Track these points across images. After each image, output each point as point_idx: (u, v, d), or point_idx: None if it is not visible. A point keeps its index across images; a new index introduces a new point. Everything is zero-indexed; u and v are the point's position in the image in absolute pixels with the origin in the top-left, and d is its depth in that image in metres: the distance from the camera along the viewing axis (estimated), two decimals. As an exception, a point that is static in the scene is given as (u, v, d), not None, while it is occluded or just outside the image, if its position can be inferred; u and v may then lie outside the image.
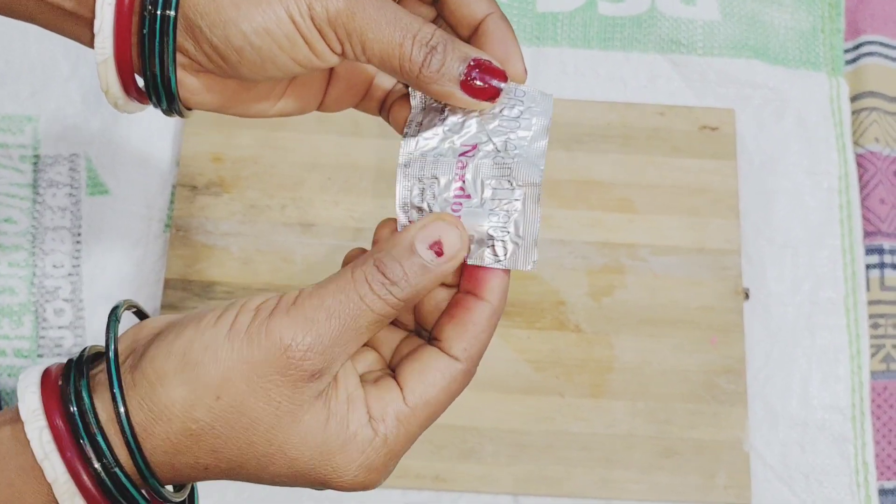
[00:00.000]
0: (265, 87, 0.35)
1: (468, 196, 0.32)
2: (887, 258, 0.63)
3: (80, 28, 0.34)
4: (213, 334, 0.30)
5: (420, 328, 0.35)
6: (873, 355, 0.62)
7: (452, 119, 0.33)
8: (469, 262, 0.32)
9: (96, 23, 0.32)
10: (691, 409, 0.59)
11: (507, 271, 0.32)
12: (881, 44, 0.68)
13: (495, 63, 0.32)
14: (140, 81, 0.34)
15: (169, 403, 0.30)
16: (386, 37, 0.31)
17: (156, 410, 0.30)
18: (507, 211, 0.32)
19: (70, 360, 0.32)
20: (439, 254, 0.31)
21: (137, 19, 0.32)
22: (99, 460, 0.30)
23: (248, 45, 0.31)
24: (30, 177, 0.63)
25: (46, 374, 0.31)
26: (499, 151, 0.32)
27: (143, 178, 0.63)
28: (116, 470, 0.30)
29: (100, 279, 0.61)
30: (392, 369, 0.33)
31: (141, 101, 0.35)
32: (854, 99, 0.67)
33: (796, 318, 0.62)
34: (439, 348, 0.32)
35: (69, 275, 0.61)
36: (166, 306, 0.59)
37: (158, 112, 0.35)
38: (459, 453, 0.57)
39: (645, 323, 0.60)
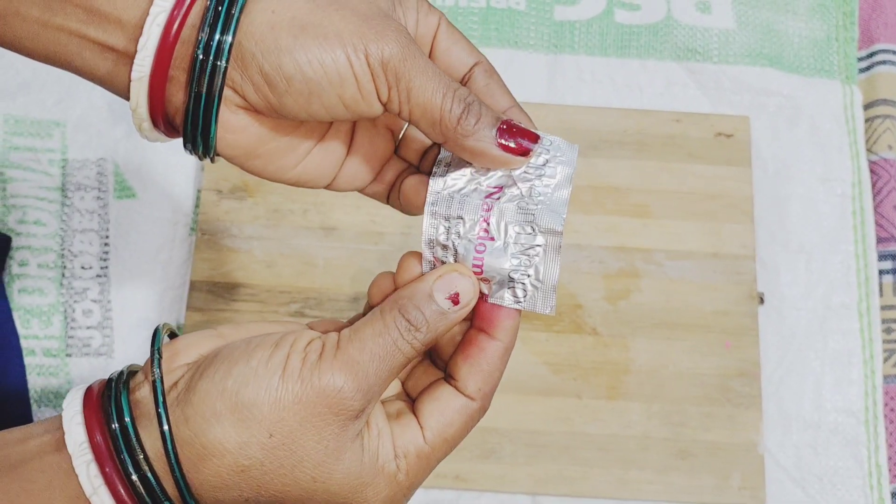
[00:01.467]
0: (294, 139, 0.36)
1: (492, 238, 0.33)
2: (900, 264, 0.64)
3: (118, 68, 0.34)
4: (266, 375, 0.31)
5: (434, 356, 0.37)
6: (886, 359, 0.62)
7: None
8: (489, 301, 0.34)
9: (141, 40, 0.33)
10: (706, 411, 0.60)
11: (519, 312, 0.34)
12: (895, 52, 0.69)
13: (525, 125, 0.34)
14: (172, 112, 0.35)
15: (224, 440, 0.31)
16: (430, 88, 0.32)
17: (209, 447, 0.31)
18: (529, 255, 0.33)
19: (111, 386, 0.33)
20: (455, 302, 0.33)
21: (186, 48, 0.33)
22: (149, 496, 0.31)
23: (300, 75, 0.32)
24: (58, 180, 0.64)
25: (89, 400, 0.32)
26: (523, 197, 0.33)
27: (169, 183, 0.64)
28: None
29: (127, 281, 0.62)
30: (409, 397, 0.36)
31: (166, 133, 0.36)
32: (867, 107, 0.68)
33: (810, 323, 0.63)
34: (455, 387, 0.34)
35: (97, 276, 0.62)
36: (192, 308, 0.61)
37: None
38: (479, 454, 0.58)
39: (660, 326, 0.61)
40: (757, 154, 0.66)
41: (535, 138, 0.33)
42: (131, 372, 0.34)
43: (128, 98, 0.34)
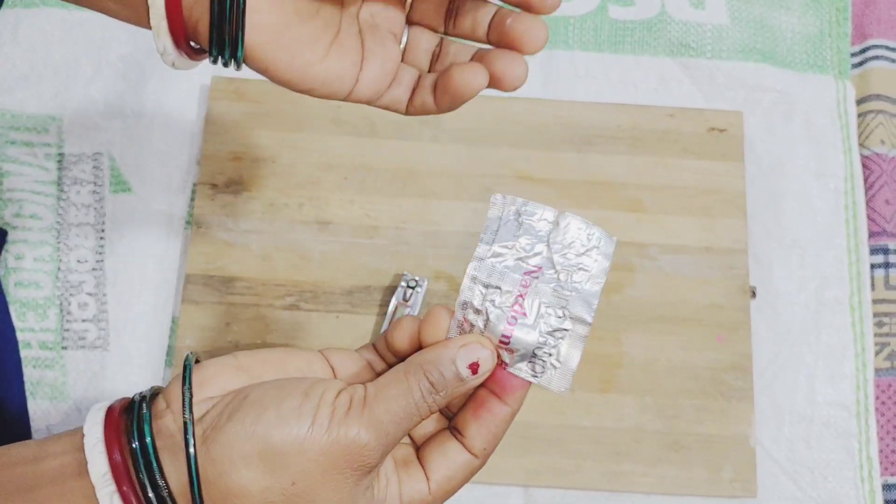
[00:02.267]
0: (314, 28, 0.36)
1: (524, 314, 0.35)
2: (892, 258, 0.65)
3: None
4: (296, 425, 0.32)
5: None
6: (878, 353, 0.63)
7: (525, 239, 0.36)
8: (509, 370, 0.36)
9: None
10: (699, 404, 0.60)
11: (530, 384, 0.36)
12: (887, 47, 0.70)
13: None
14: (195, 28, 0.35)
15: (248, 483, 0.32)
16: None
17: (233, 489, 0.32)
18: (556, 337, 0.35)
19: (133, 408, 0.33)
20: (474, 371, 0.35)
21: None
22: None
23: None
24: (55, 174, 0.64)
25: (110, 420, 0.33)
26: (560, 282, 0.36)
27: (164, 177, 0.65)
28: None
29: (123, 274, 0.62)
30: (413, 441, 0.37)
31: (189, 55, 0.36)
32: (860, 102, 0.68)
33: (803, 317, 0.63)
34: (461, 443, 0.36)
35: (93, 269, 0.62)
36: (187, 301, 0.61)
37: (180, 110, 0.36)
38: (472, 446, 0.59)
39: (654, 320, 0.62)
40: (750, 149, 0.67)
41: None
42: (154, 393, 0.34)
43: (143, 17, 0.34)
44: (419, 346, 0.36)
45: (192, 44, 0.36)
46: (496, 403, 0.36)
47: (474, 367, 0.34)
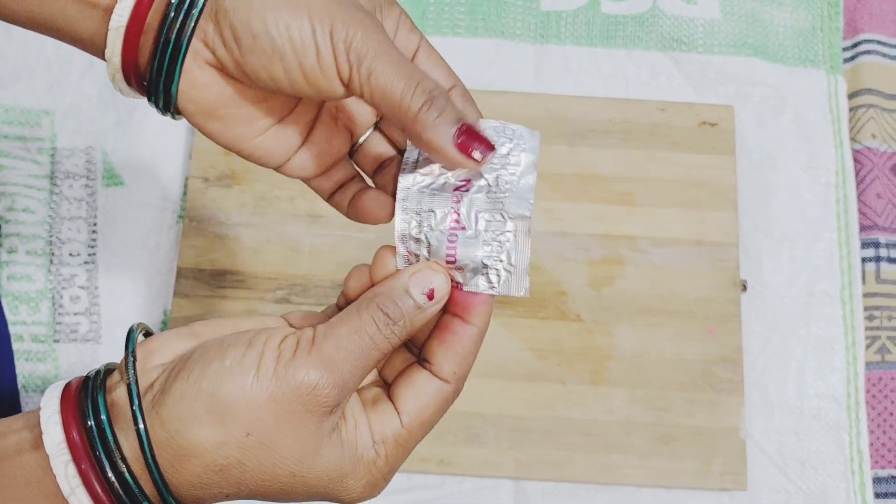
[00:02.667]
0: (255, 111, 0.36)
1: (463, 228, 0.34)
2: (883, 252, 0.65)
3: (99, 25, 0.35)
4: (241, 374, 0.31)
5: (408, 341, 0.37)
6: (868, 346, 0.63)
7: None
8: (465, 289, 0.35)
9: None
10: (689, 396, 0.60)
11: (493, 297, 0.35)
12: (879, 42, 0.70)
13: (486, 133, 0.34)
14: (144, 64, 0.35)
15: (202, 441, 0.31)
16: (393, 74, 0.33)
17: (186, 448, 0.31)
18: (500, 241, 0.34)
19: (87, 385, 0.33)
20: (430, 297, 0.34)
21: (163, 2, 0.34)
22: (127, 496, 0.32)
23: (265, 33, 0.33)
24: (47, 168, 0.64)
25: (67, 398, 0.33)
26: (491, 187, 0.34)
27: (156, 171, 0.65)
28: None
29: (115, 267, 0.63)
30: (385, 383, 0.36)
31: (138, 89, 0.36)
32: (852, 96, 0.68)
33: (793, 310, 0.63)
34: (430, 371, 0.35)
35: (85, 263, 0.63)
36: (179, 294, 0.61)
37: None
38: (464, 438, 0.59)
39: (644, 313, 0.62)
40: (741, 143, 0.67)
41: (491, 147, 0.34)
42: (108, 370, 0.34)
43: (100, 52, 0.35)
44: None
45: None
46: (460, 324, 0.35)
47: (430, 294, 0.34)
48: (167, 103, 0.35)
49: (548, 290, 0.62)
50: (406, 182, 0.35)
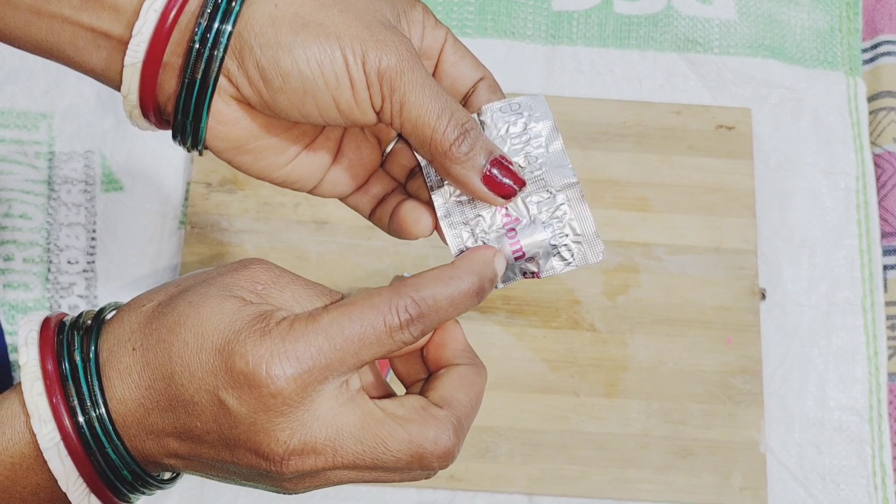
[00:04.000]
0: (284, 141, 0.35)
1: (517, 219, 0.34)
2: (905, 259, 0.63)
3: (111, 56, 0.33)
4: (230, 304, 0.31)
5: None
6: (891, 356, 0.61)
7: None
8: (542, 275, 0.34)
9: (137, 24, 0.32)
10: (706, 409, 0.58)
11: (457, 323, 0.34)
12: (899, 43, 0.68)
13: (516, 167, 0.33)
14: (164, 100, 0.34)
15: (142, 299, 0.32)
16: (426, 105, 0.32)
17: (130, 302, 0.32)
18: (559, 217, 0.34)
19: (65, 332, 0.32)
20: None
21: (182, 35, 0.32)
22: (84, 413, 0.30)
23: (296, 72, 0.31)
24: (45, 173, 0.63)
25: (45, 329, 0.32)
26: (523, 168, 0.34)
27: (157, 175, 0.63)
28: (93, 413, 0.30)
29: (115, 275, 0.61)
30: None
31: (157, 124, 0.35)
32: (871, 99, 0.67)
33: (813, 319, 0.61)
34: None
35: (84, 271, 0.61)
36: (180, 303, 0.59)
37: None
38: (475, 453, 0.57)
39: (660, 322, 0.60)
40: (759, 147, 0.65)
41: (521, 183, 0.33)
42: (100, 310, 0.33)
43: (119, 88, 0.33)
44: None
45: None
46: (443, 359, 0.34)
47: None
48: (195, 142, 0.34)
49: (561, 299, 0.60)
50: (441, 198, 0.34)
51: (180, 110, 0.33)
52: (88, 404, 0.30)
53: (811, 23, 0.69)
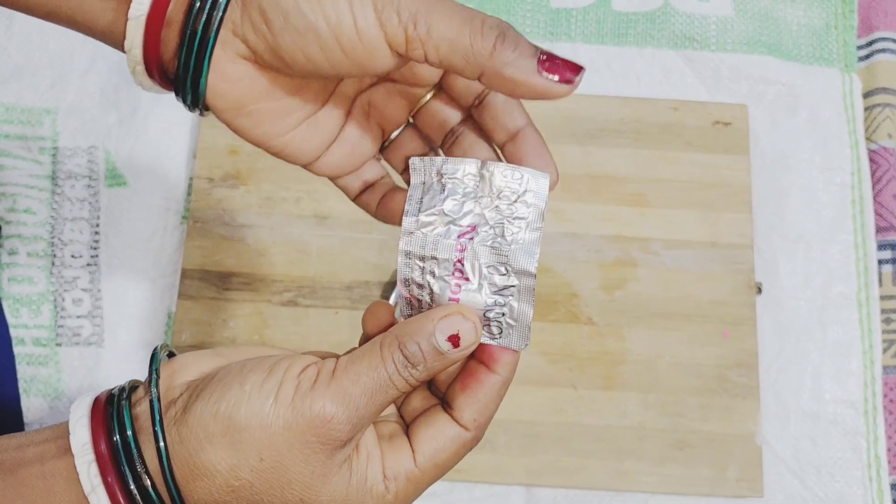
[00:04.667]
0: (287, 104, 0.35)
1: (467, 279, 0.34)
2: (900, 254, 0.64)
3: (117, 16, 0.34)
4: (259, 401, 0.32)
5: (432, 383, 0.36)
6: (885, 350, 0.62)
7: (452, 200, 0.34)
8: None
9: None
10: (703, 402, 0.59)
11: (518, 350, 0.34)
12: (894, 40, 0.69)
13: (563, 57, 0.32)
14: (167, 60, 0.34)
15: (216, 462, 0.32)
16: (454, 21, 0.31)
17: (201, 467, 0.32)
18: (504, 295, 0.34)
19: (113, 400, 0.33)
20: (455, 345, 0.33)
21: None
22: None
23: (296, 11, 0.31)
24: (49, 168, 0.63)
25: (96, 410, 0.33)
26: (496, 237, 0.34)
27: (160, 171, 0.64)
28: None
29: (118, 269, 0.61)
30: (404, 420, 0.36)
31: (160, 83, 0.35)
32: (867, 95, 0.67)
33: (809, 313, 0.62)
34: (451, 416, 0.34)
35: (87, 265, 0.61)
36: (184, 296, 0.60)
37: (176, 103, 0.35)
38: (473, 444, 0.58)
39: (657, 316, 0.61)
40: (755, 142, 0.66)
41: (577, 69, 0.31)
42: (133, 386, 0.34)
43: (124, 46, 0.34)
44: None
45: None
46: (483, 371, 0.34)
47: (454, 340, 0.32)
48: (195, 99, 0.34)
49: (559, 293, 0.61)
50: (409, 225, 0.34)
51: (181, 64, 0.33)
52: None
53: (807, 20, 0.69)
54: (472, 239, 0.34)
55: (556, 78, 0.31)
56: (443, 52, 0.31)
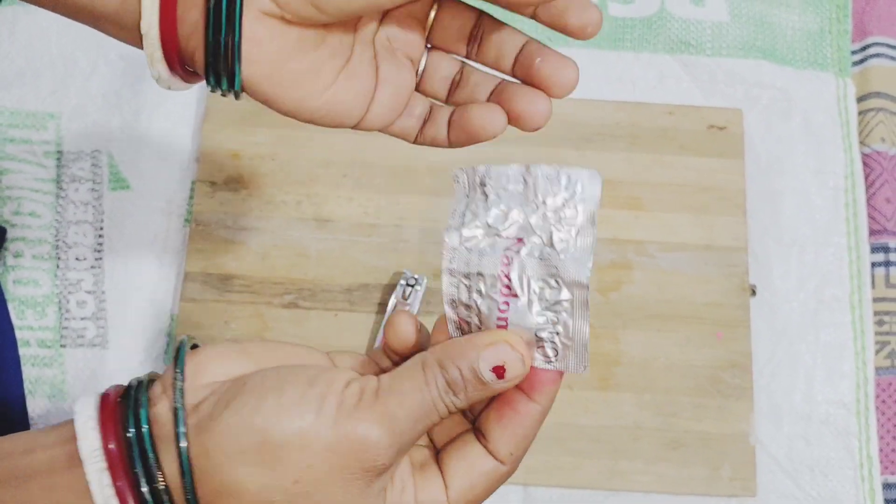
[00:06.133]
0: (318, 58, 0.34)
1: (515, 295, 0.31)
2: (892, 256, 0.64)
3: (128, 15, 0.33)
4: (298, 415, 0.29)
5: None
6: (878, 352, 0.63)
7: (496, 210, 0.32)
8: None
9: None
10: (697, 402, 0.60)
11: (561, 375, 0.32)
12: (888, 45, 0.69)
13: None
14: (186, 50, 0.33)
15: (245, 480, 0.29)
16: None
17: (228, 485, 0.29)
18: (556, 311, 0.31)
19: (130, 394, 0.31)
20: (500, 376, 0.30)
21: None
22: None
23: None
24: (53, 172, 0.64)
25: (105, 406, 0.30)
26: (545, 247, 0.31)
27: (163, 174, 0.64)
28: None
29: (121, 271, 0.62)
30: (434, 445, 0.34)
31: (181, 72, 0.34)
32: (861, 99, 0.68)
33: (802, 315, 0.63)
34: (485, 447, 0.32)
35: (91, 267, 0.62)
36: (186, 299, 0.61)
37: (179, 107, 0.35)
38: (470, 444, 0.58)
39: (652, 318, 0.62)
40: (750, 147, 0.66)
41: None
42: (150, 380, 0.32)
43: (138, 40, 0.33)
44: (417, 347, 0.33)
45: (188, 67, 0.35)
46: (523, 401, 0.31)
47: (499, 372, 0.30)
48: (231, 73, 0.32)
49: (556, 295, 0.62)
50: (452, 241, 0.32)
51: (211, 30, 0.31)
52: None
53: (802, 25, 0.70)
54: (518, 252, 0.31)
55: None
56: None
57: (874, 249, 0.65)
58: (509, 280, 0.31)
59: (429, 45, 0.38)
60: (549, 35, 0.69)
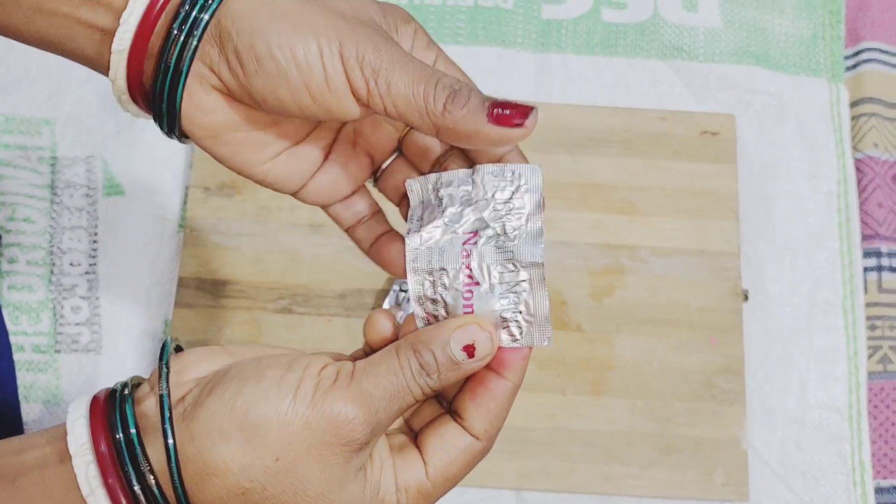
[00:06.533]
0: (265, 136, 0.36)
1: (477, 283, 0.34)
2: (885, 261, 0.65)
3: (104, 47, 0.35)
4: (277, 398, 0.31)
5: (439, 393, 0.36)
6: (870, 356, 0.63)
7: (451, 210, 0.34)
8: None
9: (124, 14, 0.34)
10: (690, 407, 0.60)
11: (528, 352, 0.34)
12: (881, 50, 0.70)
13: (514, 102, 0.33)
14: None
15: (228, 460, 0.31)
16: (411, 80, 0.32)
17: (211, 466, 0.31)
18: (517, 292, 0.33)
19: (115, 396, 0.32)
20: (470, 355, 0.33)
21: (165, 23, 0.34)
22: None
23: (269, 57, 0.32)
24: (48, 178, 0.64)
25: (95, 408, 0.32)
26: (499, 236, 0.34)
27: (157, 180, 0.65)
28: None
29: (116, 277, 0.62)
30: (411, 430, 0.35)
31: (145, 110, 0.36)
32: (853, 105, 0.68)
33: (795, 320, 0.63)
34: (461, 426, 0.34)
35: (86, 273, 0.62)
36: (180, 304, 0.61)
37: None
38: (463, 449, 0.59)
39: (645, 323, 0.62)
40: (743, 152, 0.67)
41: (526, 111, 0.32)
42: (136, 384, 0.34)
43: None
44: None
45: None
46: (492, 378, 0.34)
47: (469, 350, 0.32)
48: (171, 126, 0.35)
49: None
50: (413, 242, 0.34)
51: (156, 93, 0.34)
52: None
53: (795, 30, 0.70)
54: (475, 244, 0.34)
55: (507, 126, 0.32)
56: (400, 108, 0.32)
57: (866, 254, 0.65)
58: (470, 270, 0.34)
59: (400, 151, 0.38)
60: (543, 40, 0.70)
